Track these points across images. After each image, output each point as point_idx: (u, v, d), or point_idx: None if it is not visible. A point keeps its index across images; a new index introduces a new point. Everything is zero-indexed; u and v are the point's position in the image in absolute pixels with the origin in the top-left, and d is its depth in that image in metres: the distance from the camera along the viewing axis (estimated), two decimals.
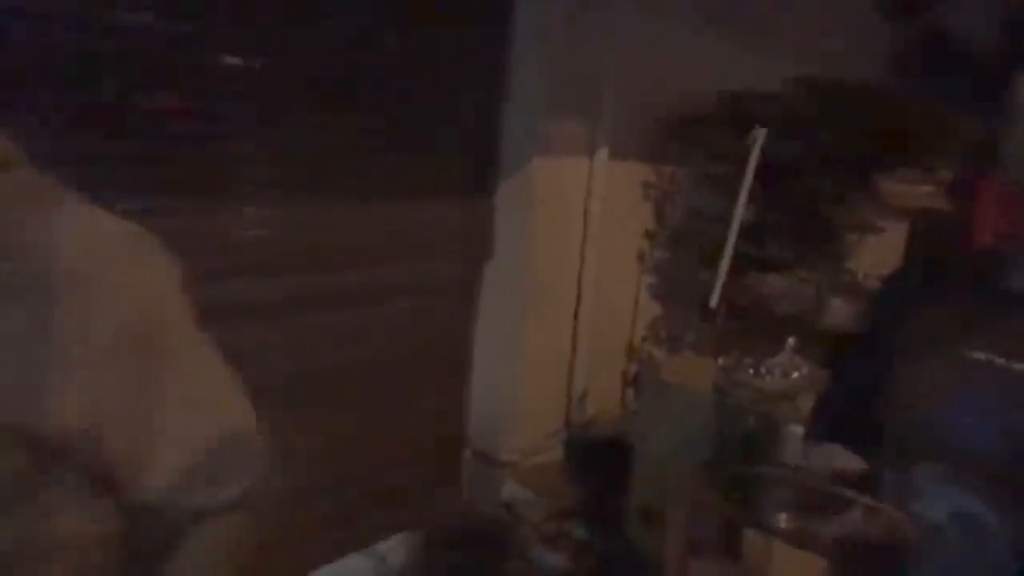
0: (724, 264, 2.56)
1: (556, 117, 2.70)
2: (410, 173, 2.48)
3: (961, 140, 2.59)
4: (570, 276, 2.90)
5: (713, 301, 2.59)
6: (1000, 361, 0.77)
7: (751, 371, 2.04)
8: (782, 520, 1.03)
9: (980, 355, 0.79)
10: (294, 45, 2.07)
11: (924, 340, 0.86)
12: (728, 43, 2.91)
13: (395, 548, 2.38)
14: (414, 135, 2.46)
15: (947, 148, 2.50)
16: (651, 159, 3.06)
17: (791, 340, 2.08)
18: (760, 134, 2.48)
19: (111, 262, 0.73)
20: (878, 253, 3.07)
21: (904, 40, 3.04)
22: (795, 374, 2.02)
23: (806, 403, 2.02)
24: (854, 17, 2.87)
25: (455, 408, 2.84)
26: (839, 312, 2.89)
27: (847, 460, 0.98)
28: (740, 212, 2.52)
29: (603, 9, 2.66)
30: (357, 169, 2.32)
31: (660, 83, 2.85)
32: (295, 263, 2.20)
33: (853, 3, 3.12)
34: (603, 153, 2.85)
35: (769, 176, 2.75)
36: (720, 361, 2.15)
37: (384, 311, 2.50)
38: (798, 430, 1.86)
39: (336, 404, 2.40)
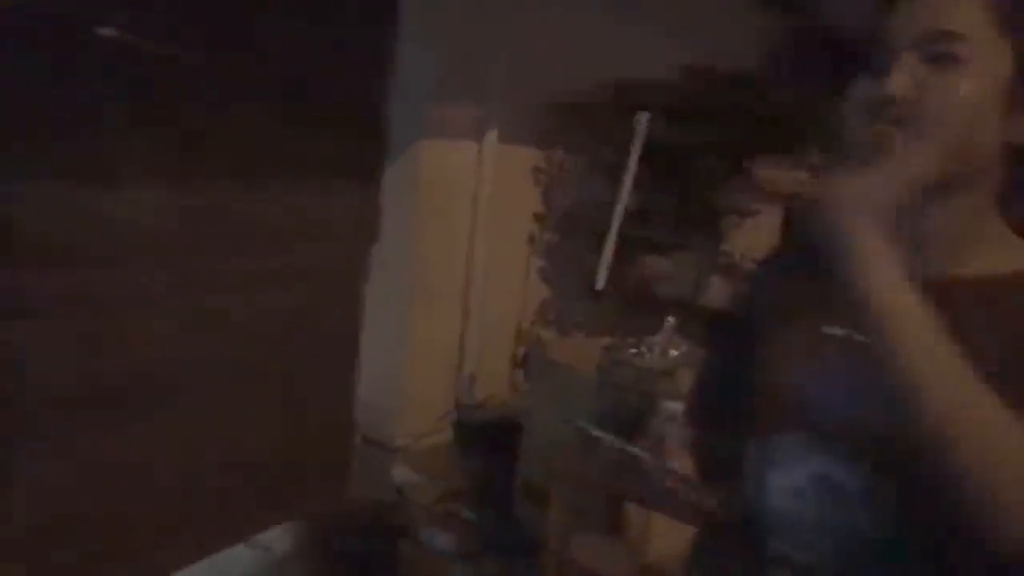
0: (609, 247, 2.62)
1: (444, 99, 2.68)
2: (292, 155, 2.41)
3: (825, 125, 2.73)
4: (459, 259, 2.90)
5: (599, 283, 2.65)
6: (856, 336, 0.79)
7: (633, 351, 2.09)
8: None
9: (836, 330, 0.81)
10: (169, 16, 1.98)
11: (786, 317, 0.88)
12: (617, 29, 2.95)
13: (280, 537, 2.33)
14: (297, 115, 2.39)
15: (818, 136, 2.62)
16: (541, 143, 3.09)
17: (670, 319, 2.15)
18: (644, 120, 2.53)
19: None
20: (754, 235, 3.20)
21: (782, 31, 3.16)
22: (674, 352, 2.08)
23: (685, 380, 2.09)
24: (737, 7, 2.96)
25: (343, 394, 2.80)
26: (717, 291, 3.01)
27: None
28: (625, 196, 2.58)
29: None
30: (238, 152, 2.24)
31: (550, 67, 2.87)
32: (175, 248, 2.11)
33: None
34: (492, 136, 2.86)
35: (654, 161, 2.82)
36: (603, 341, 2.20)
37: (268, 297, 2.43)
38: (676, 406, 1.92)
39: (219, 392, 2.32)
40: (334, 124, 2.51)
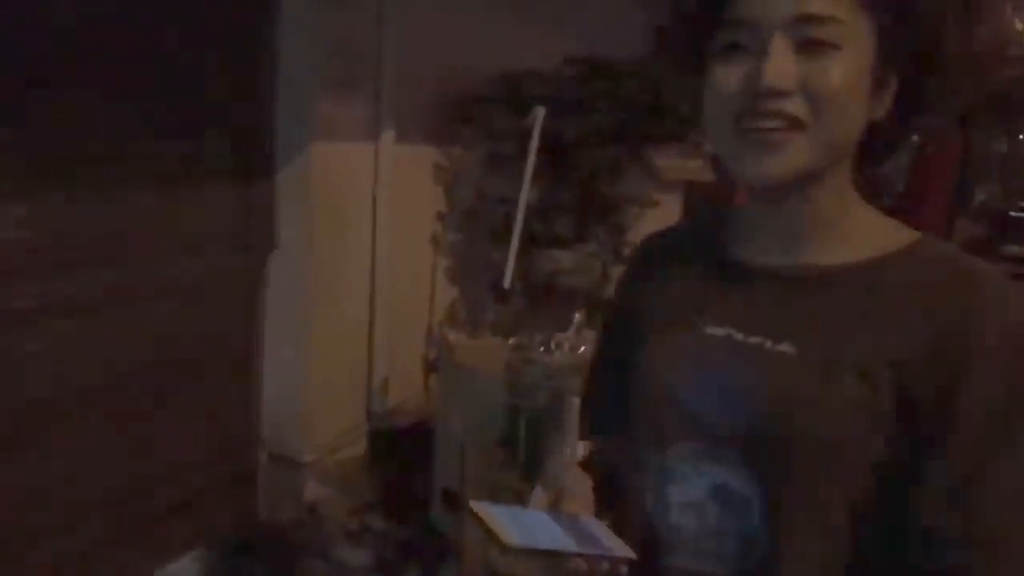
0: (514, 244, 2.59)
1: (334, 99, 2.60)
2: (175, 161, 2.30)
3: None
4: (362, 262, 2.82)
5: (506, 281, 2.61)
6: (737, 335, 0.77)
7: (541, 348, 2.06)
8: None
9: (719, 331, 0.78)
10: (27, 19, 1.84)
11: (666, 312, 0.84)
12: (509, 23, 2.93)
13: (186, 567, 2.22)
14: (176, 119, 2.27)
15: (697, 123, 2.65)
16: (439, 141, 3.04)
17: (578, 315, 2.13)
18: (539, 114, 2.51)
19: None
20: (656, 223, 3.24)
21: (665, 18, 3.19)
22: (583, 348, 2.07)
23: None
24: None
25: (245, 409, 2.68)
26: None
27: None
28: (525, 191, 2.55)
29: None
30: (115, 159, 2.11)
31: (443, 63, 2.83)
32: (49, 264, 1.97)
33: None
34: (388, 136, 2.79)
35: (553, 155, 2.80)
36: (511, 340, 2.17)
37: (156, 310, 2.30)
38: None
39: (107, 416, 2.19)
40: (217, 127, 2.40)
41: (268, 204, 2.59)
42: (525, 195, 2.57)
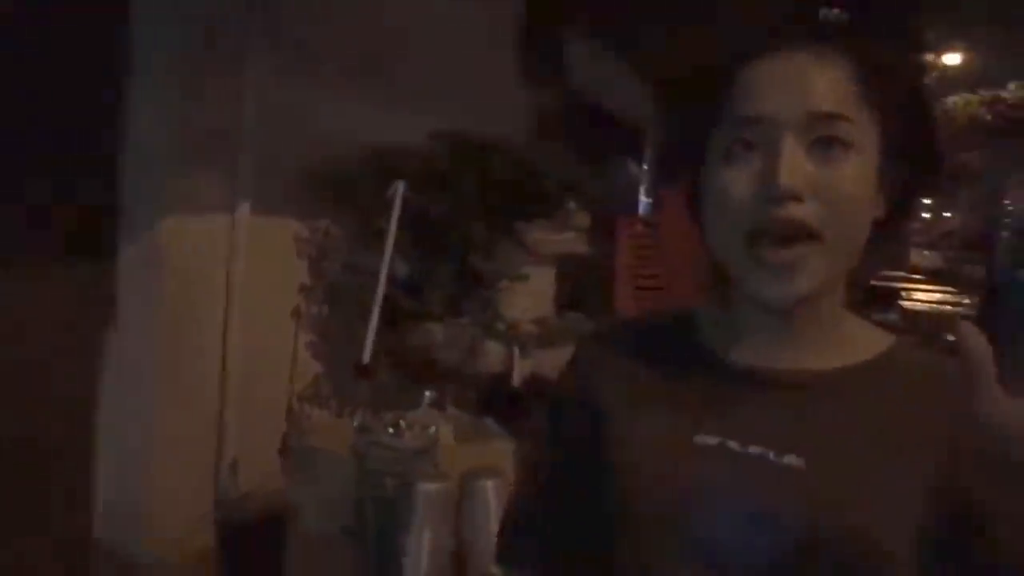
0: (373, 318, 2.49)
1: (186, 172, 2.48)
2: (7, 238, 2.11)
3: (588, 188, 2.80)
4: (212, 340, 2.65)
5: (365, 356, 2.50)
6: (733, 445, 0.69)
7: (390, 430, 1.95)
8: None
9: (711, 440, 0.70)
10: None
11: (642, 417, 0.74)
12: (375, 96, 2.89)
13: None
14: (12, 194, 2.11)
15: (575, 197, 2.66)
16: (302, 214, 2.93)
17: (428, 393, 2.04)
18: (400, 188, 2.46)
19: None
20: (528, 299, 3.20)
21: (545, 102, 3.25)
22: (432, 428, 1.97)
23: (445, 457, 1.99)
24: (496, 78, 3.00)
25: (77, 504, 2.44)
26: (493, 357, 2.96)
27: None
28: (386, 265, 2.47)
29: (233, 58, 2.51)
30: None
31: (307, 136, 2.74)
32: None
33: (494, 65, 3.27)
34: (244, 209, 2.67)
35: (421, 228, 2.75)
36: (356, 421, 2.05)
37: None
38: (431, 488, 1.81)
39: None
40: (53, 199, 2.24)
41: (109, 281, 2.42)
42: (386, 269, 2.49)
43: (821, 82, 0.68)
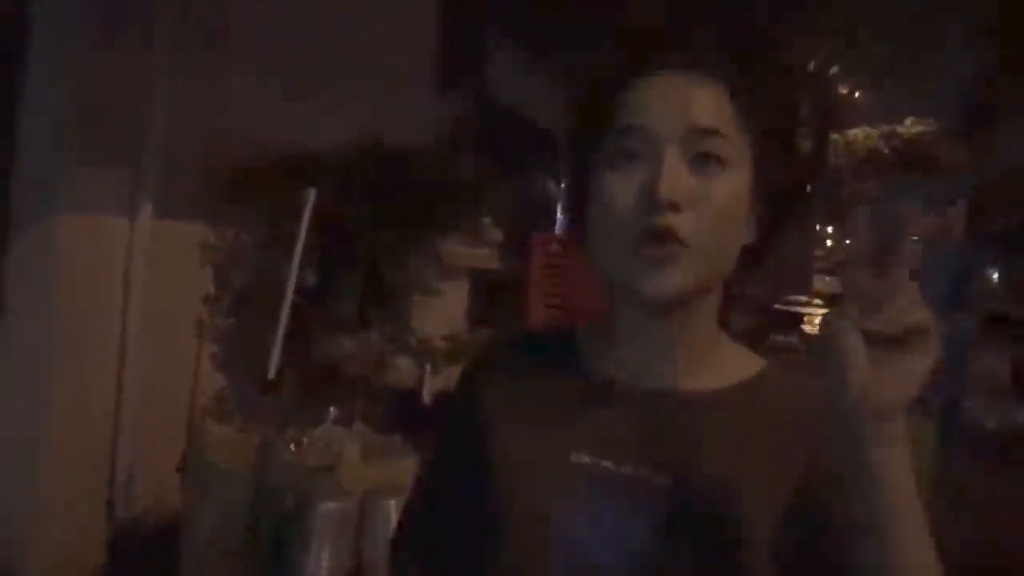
0: (280, 331, 2.42)
1: (84, 163, 2.37)
2: None
3: (503, 203, 2.81)
4: (108, 348, 2.54)
5: (270, 370, 2.43)
6: (606, 464, 0.71)
7: (292, 446, 1.90)
8: None
9: (585, 458, 0.72)
10: None
11: (521, 435, 0.76)
12: (291, 99, 2.83)
13: None
14: None
15: (490, 211, 2.67)
16: (210, 219, 2.84)
17: (332, 409, 2.00)
18: (311, 194, 2.41)
19: None
20: (441, 312, 3.19)
21: (457, 109, 3.24)
22: (335, 446, 1.93)
23: (349, 476, 1.95)
24: (413, 84, 2.98)
25: None
26: (403, 372, 2.93)
27: None
28: (294, 274, 2.41)
29: (140, 44, 2.42)
30: None
31: (217, 137, 2.66)
32: None
33: (412, 71, 3.26)
34: (146, 210, 2.57)
35: (332, 236, 2.70)
36: (258, 437, 1.99)
37: None
38: (332, 506, 1.77)
39: None
40: None
41: None
42: (293, 278, 2.43)
43: (700, 100, 0.72)
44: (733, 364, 0.77)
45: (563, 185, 5.92)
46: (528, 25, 3.58)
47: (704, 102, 0.71)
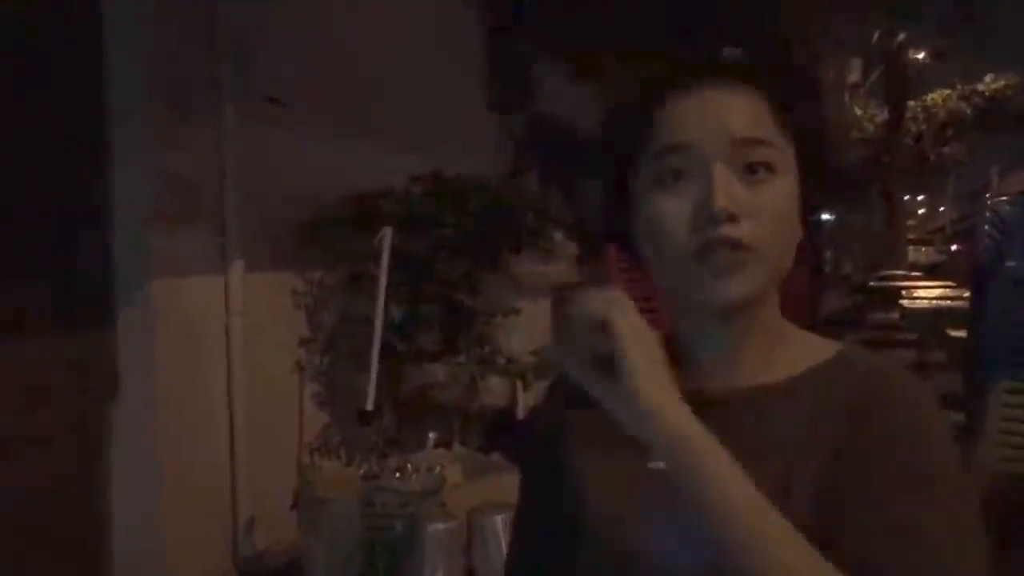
0: (373, 365, 2.52)
1: (174, 235, 2.53)
2: (3, 313, 2.16)
3: (572, 217, 2.85)
4: (217, 400, 2.69)
5: (368, 403, 2.53)
6: None
7: (396, 474, 1.98)
8: None
9: (661, 464, 0.71)
10: None
11: (601, 444, 0.77)
12: (354, 144, 2.96)
13: None
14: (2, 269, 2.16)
15: (560, 226, 2.71)
16: (294, 266, 2.99)
17: (431, 435, 2.07)
18: (387, 233, 2.51)
19: None
20: (525, 330, 3.25)
21: (515, 131, 3.31)
22: (437, 469, 2.00)
23: (453, 498, 2.01)
24: (469, 114, 3.07)
25: (96, 572, 2.46)
26: (495, 391, 2.99)
27: None
28: (380, 311, 2.51)
29: (211, 120, 2.58)
30: None
31: (290, 188, 2.81)
32: None
33: (466, 101, 3.35)
34: (238, 266, 2.72)
35: (408, 271, 2.79)
36: (362, 469, 2.07)
37: None
38: (439, 527, 1.83)
39: None
40: (47, 271, 2.29)
41: (110, 349, 2.46)
42: (380, 315, 2.53)
43: (740, 111, 0.72)
44: (802, 352, 0.78)
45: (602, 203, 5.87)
46: (571, 45, 3.63)
47: (745, 113, 0.72)
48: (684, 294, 0.75)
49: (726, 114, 0.72)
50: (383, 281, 2.54)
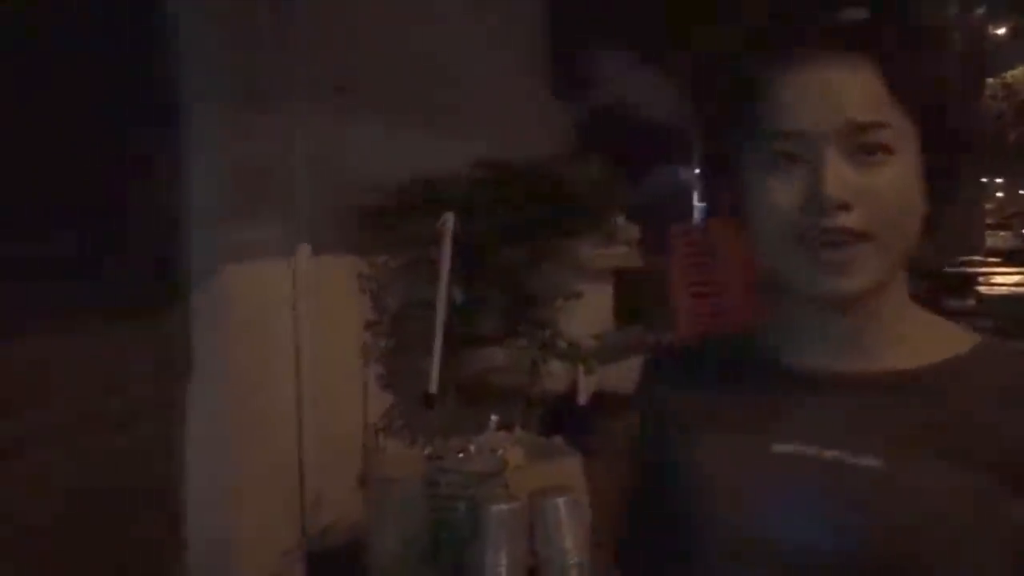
0: (437, 348, 2.56)
1: (245, 218, 2.60)
2: (83, 297, 2.25)
3: (635, 200, 2.83)
4: (286, 380, 2.76)
5: (431, 386, 2.57)
6: (809, 451, 0.70)
7: (460, 455, 2.01)
8: None
9: (786, 447, 0.71)
10: None
11: (717, 430, 0.76)
12: (417, 129, 2.99)
13: None
14: (80, 253, 2.24)
15: (623, 210, 2.70)
16: (359, 250, 3.04)
17: (493, 417, 2.09)
18: (449, 219, 2.53)
19: None
20: (587, 314, 3.24)
21: (580, 116, 3.30)
22: (500, 451, 2.02)
23: (516, 480, 2.03)
24: (530, 97, 3.07)
25: (170, 548, 2.55)
26: (557, 376, 3.00)
27: None
28: (442, 296, 2.54)
29: (279, 106, 2.63)
30: (18, 294, 2.06)
31: (354, 174, 2.85)
32: None
33: (528, 85, 3.34)
34: (304, 250, 2.78)
35: (469, 255, 2.82)
36: (427, 449, 2.11)
37: (73, 448, 2.21)
38: (503, 508, 1.85)
39: (29, 561, 2.06)
40: (125, 256, 2.37)
41: (184, 332, 2.55)
42: (443, 299, 2.56)
43: (856, 91, 0.69)
44: (937, 340, 0.74)
45: (699, 175, 5.82)
46: (637, 26, 3.59)
47: (859, 93, 0.68)
48: (796, 287, 0.72)
49: (839, 95, 0.69)
50: (445, 265, 2.57)
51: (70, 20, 2.19)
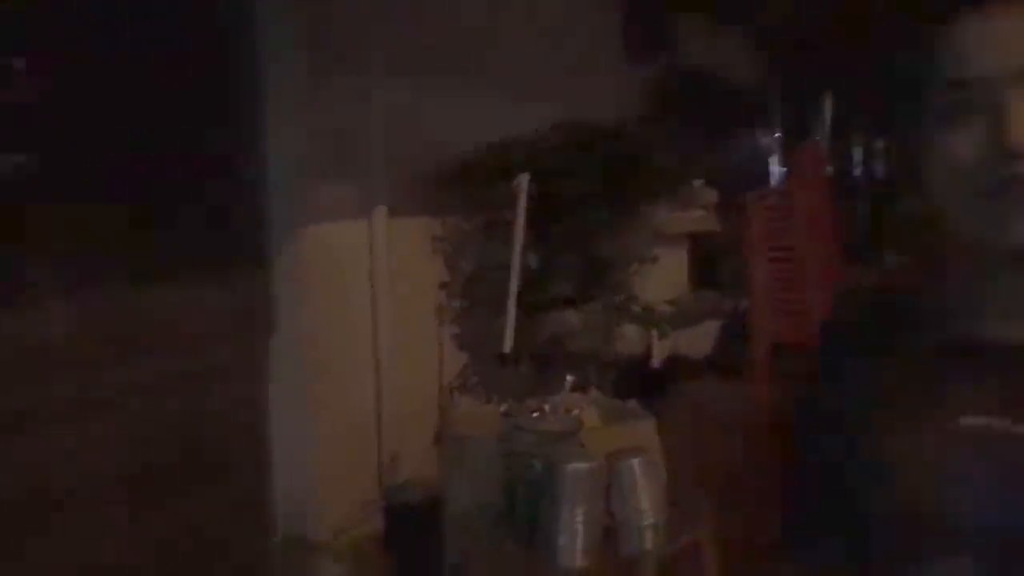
0: (511, 309, 2.58)
1: (324, 180, 2.65)
2: (171, 257, 2.34)
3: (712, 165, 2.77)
4: (363, 338, 2.83)
5: (506, 346, 2.60)
6: (1000, 424, 0.67)
7: (534, 414, 2.03)
8: None
9: (976, 420, 0.68)
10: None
11: (902, 409, 0.72)
12: (492, 93, 2.99)
13: None
14: (170, 212, 2.33)
15: (700, 174, 2.66)
16: (435, 212, 3.07)
17: (569, 377, 2.10)
18: (524, 180, 2.53)
19: None
20: (662, 278, 3.22)
21: (651, 79, 3.23)
22: (575, 411, 2.03)
23: (591, 440, 2.05)
24: (604, 60, 3.02)
25: (258, 495, 2.67)
26: (632, 340, 2.99)
27: None
28: (516, 258, 2.56)
29: (357, 69, 2.66)
30: (110, 256, 2.16)
31: (431, 137, 2.87)
32: (67, 361, 2.00)
33: (601, 48, 3.29)
34: (381, 211, 2.83)
35: (544, 218, 2.82)
36: (502, 408, 2.14)
37: (162, 406, 2.32)
38: (580, 467, 1.87)
39: (126, 504, 2.19)
40: (212, 218, 2.45)
41: (267, 290, 2.63)
42: (517, 261, 2.57)
43: None
44: None
45: (778, 138, 5.62)
46: None
47: None
48: (981, 238, 0.68)
49: (1020, 37, 0.65)
50: (520, 227, 2.58)
51: None
